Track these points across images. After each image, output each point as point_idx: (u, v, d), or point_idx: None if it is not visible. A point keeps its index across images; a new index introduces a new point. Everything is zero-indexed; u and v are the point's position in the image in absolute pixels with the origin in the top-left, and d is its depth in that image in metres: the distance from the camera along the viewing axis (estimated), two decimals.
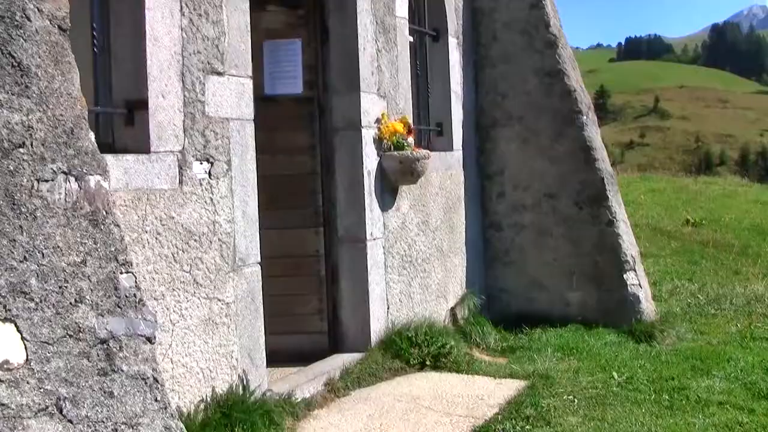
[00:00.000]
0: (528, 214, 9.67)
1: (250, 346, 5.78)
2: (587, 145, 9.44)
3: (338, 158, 7.39)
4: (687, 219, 18.14)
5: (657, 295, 11.12)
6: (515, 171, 9.72)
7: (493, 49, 9.85)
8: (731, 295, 11.33)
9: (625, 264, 9.32)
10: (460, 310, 9.02)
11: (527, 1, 9.72)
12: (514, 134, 9.72)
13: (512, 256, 9.76)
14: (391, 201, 7.73)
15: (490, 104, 9.82)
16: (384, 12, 7.81)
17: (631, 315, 9.24)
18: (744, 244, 15.90)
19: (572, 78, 9.62)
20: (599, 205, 9.39)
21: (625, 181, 25.01)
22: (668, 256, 14.42)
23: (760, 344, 9.09)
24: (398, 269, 7.83)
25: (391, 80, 7.87)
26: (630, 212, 17.96)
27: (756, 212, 20.22)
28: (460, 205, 9.32)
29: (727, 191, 23.97)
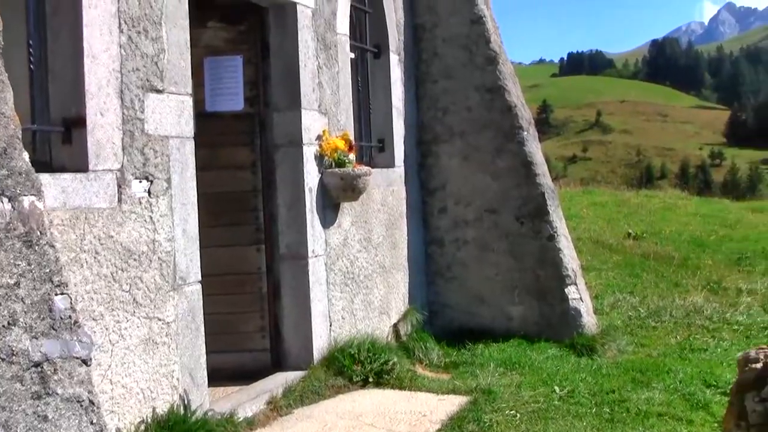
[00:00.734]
0: (470, 230, 9.71)
1: (191, 366, 5.72)
2: (528, 161, 9.52)
3: (279, 175, 7.37)
4: (628, 232, 18.36)
5: (599, 308, 11.24)
6: (457, 186, 9.77)
7: (434, 65, 9.90)
8: (671, 308, 11.49)
9: (566, 278, 9.40)
10: (403, 326, 9.02)
11: (468, 18, 9.78)
12: (456, 150, 9.77)
13: (455, 271, 9.79)
14: (333, 218, 7.72)
15: (432, 120, 9.87)
16: (325, 29, 7.81)
17: (572, 328, 9.33)
18: (684, 257, 16.13)
19: (513, 94, 9.70)
20: (540, 219, 9.47)
21: (568, 195, 25.27)
22: (610, 269, 14.57)
23: (698, 356, 9.24)
24: (340, 286, 7.81)
25: (333, 96, 7.87)
26: (572, 226, 18.20)
27: (695, 225, 20.53)
28: (402, 221, 9.34)
29: (667, 204, 24.29)
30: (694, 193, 32.62)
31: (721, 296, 12.83)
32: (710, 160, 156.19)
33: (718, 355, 9.28)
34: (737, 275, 14.69)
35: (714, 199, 29.34)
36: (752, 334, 10.35)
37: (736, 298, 12.71)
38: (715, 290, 13.30)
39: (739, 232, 19.97)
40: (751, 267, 15.67)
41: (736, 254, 16.75)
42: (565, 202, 23.06)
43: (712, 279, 14.10)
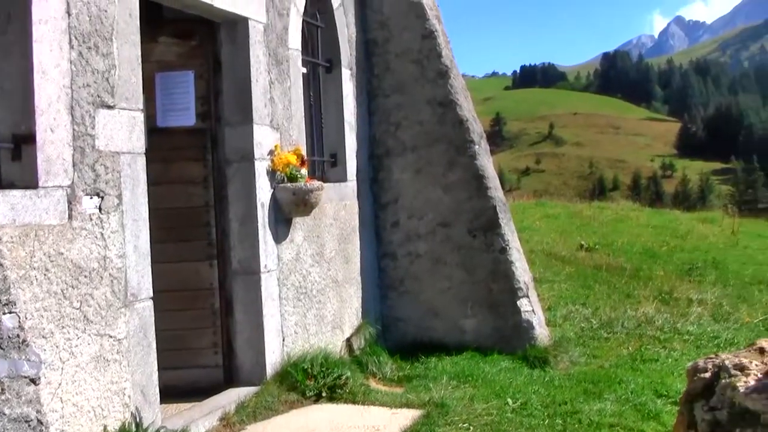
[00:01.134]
0: (422, 243, 9.75)
1: (143, 383, 5.69)
2: (480, 174, 9.58)
3: (232, 190, 7.36)
4: (581, 244, 18.51)
5: (551, 320, 11.31)
6: (409, 200, 9.80)
7: (386, 79, 9.94)
8: (623, 319, 11.60)
9: (518, 291, 9.47)
10: (356, 340, 9.03)
11: (419, 32, 9.83)
12: (408, 164, 9.80)
13: (407, 285, 9.82)
14: (285, 232, 7.72)
15: (384, 134, 9.90)
16: (277, 43, 7.83)
17: (525, 341, 9.38)
18: (636, 268, 16.30)
19: (464, 108, 9.76)
20: (492, 232, 9.53)
21: (521, 207, 25.47)
22: (563, 281, 14.67)
23: (649, 366, 9.33)
24: (293, 301, 7.81)
25: (285, 111, 7.88)
26: (525, 238, 18.34)
27: (647, 236, 20.77)
28: (355, 235, 9.36)
29: (619, 216, 24.55)
30: (645, 205, 32.99)
31: (672, 306, 12.98)
32: (661, 172, 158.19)
33: (669, 365, 9.38)
34: (688, 285, 14.88)
35: (665, 211, 29.72)
36: (702, 344, 10.48)
37: (686, 308, 12.87)
38: (667, 301, 13.45)
39: (690, 243, 20.25)
40: (702, 277, 15.88)
41: (686, 265, 16.96)
42: (518, 214, 23.29)
43: (664, 289, 14.26)
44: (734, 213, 32.28)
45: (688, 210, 33.59)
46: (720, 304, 13.18)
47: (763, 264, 18.07)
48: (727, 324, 11.75)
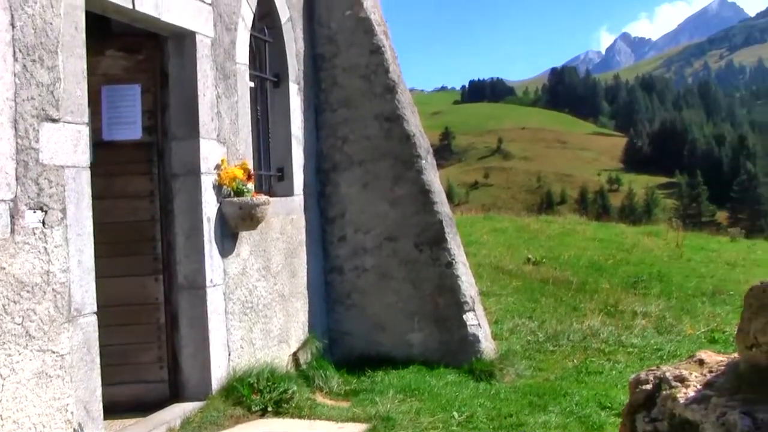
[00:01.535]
0: (369, 257, 9.78)
1: (86, 399, 5.64)
2: (426, 189, 9.65)
3: (178, 204, 7.33)
4: (528, 257, 18.64)
5: (498, 333, 11.40)
6: (356, 214, 9.83)
7: (334, 94, 9.97)
8: (569, 331, 11.71)
9: (464, 304, 9.53)
10: (303, 354, 9.03)
11: (367, 48, 9.89)
12: (355, 178, 9.84)
13: (354, 299, 9.84)
14: (231, 247, 7.71)
15: (331, 148, 9.92)
16: (224, 58, 7.83)
17: (471, 354, 9.45)
18: (582, 281, 16.45)
19: (411, 123, 9.82)
20: (439, 247, 9.59)
21: (469, 221, 25.59)
22: (510, 294, 14.76)
23: (594, 378, 9.44)
24: (239, 315, 7.80)
25: (232, 126, 7.88)
26: (473, 252, 18.44)
27: (593, 249, 20.97)
28: (302, 249, 9.37)
29: (566, 229, 24.75)
30: (592, 218, 33.31)
31: (617, 319, 13.13)
32: (608, 186, 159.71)
33: (613, 377, 9.49)
34: (633, 298, 15.06)
35: (611, 224, 29.98)
36: (646, 356, 10.62)
37: (631, 320, 13.03)
38: (612, 313, 13.60)
39: (636, 256, 20.47)
40: (647, 290, 16.08)
41: (632, 278, 17.16)
42: (466, 228, 23.43)
43: (609, 302, 14.42)
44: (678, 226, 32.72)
45: (634, 223, 33.95)
46: (664, 317, 13.37)
47: (706, 276, 18.34)
48: (670, 336, 11.93)
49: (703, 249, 23.23)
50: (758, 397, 4.73)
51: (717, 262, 20.93)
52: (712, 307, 14.66)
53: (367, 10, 9.93)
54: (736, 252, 23.08)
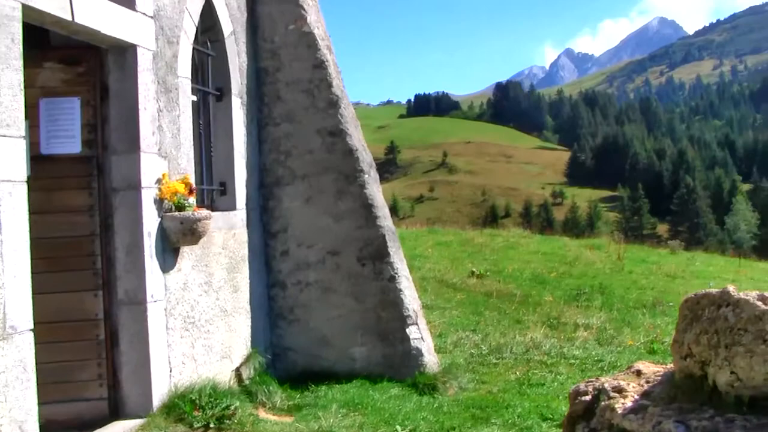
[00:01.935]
0: (312, 272, 9.76)
1: (21, 419, 5.53)
2: (369, 203, 9.66)
3: (118, 219, 7.24)
4: (472, 271, 18.77)
5: (442, 346, 11.44)
6: (299, 229, 9.81)
7: (277, 108, 9.95)
8: (512, 344, 11.80)
9: (407, 318, 9.56)
10: (246, 369, 8.97)
11: (310, 62, 9.89)
12: (298, 192, 9.82)
13: (297, 313, 9.81)
14: (173, 262, 7.64)
15: (274, 163, 9.89)
16: (166, 71, 7.77)
17: (414, 368, 9.47)
18: (525, 294, 16.60)
19: (354, 137, 9.84)
20: (381, 261, 9.61)
21: (414, 235, 25.71)
22: (454, 307, 14.85)
23: (536, 390, 9.51)
24: (180, 331, 7.72)
25: (173, 140, 7.81)
26: (418, 265, 18.52)
27: (537, 262, 21.19)
28: (244, 264, 9.31)
29: (510, 243, 24.97)
30: (536, 232, 33.66)
31: (559, 331, 13.26)
32: (552, 199, 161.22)
33: (555, 389, 9.57)
34: (575, 310, 15.23)
35: (555, 237, 30.33)
36: (587, 368, 10.73)
37: (573, 332, 13.17)
38: (555, 326, 13.74)
39: (578, 269, 20.72)
40: (589, 302, 16.28)
41: (574, 290, 17.37)
42: (411, 241, 23.55)
43: (552, 315, 14.57)
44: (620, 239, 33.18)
45: (577, 237, 34.36)
46: (605, 328, 13.55)
47: (647, 288, 18.63)
48: (611, 347, 12.08)
49: (643, 261, 23.60)
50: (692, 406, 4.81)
51: (657, 274, 21.28)
52: (652, 318, 14.89)
53: (310, 25, 9.94)
54: (675, 264, 23.48)
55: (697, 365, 4.95)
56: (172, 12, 7.90)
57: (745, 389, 4.66)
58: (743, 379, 4.61)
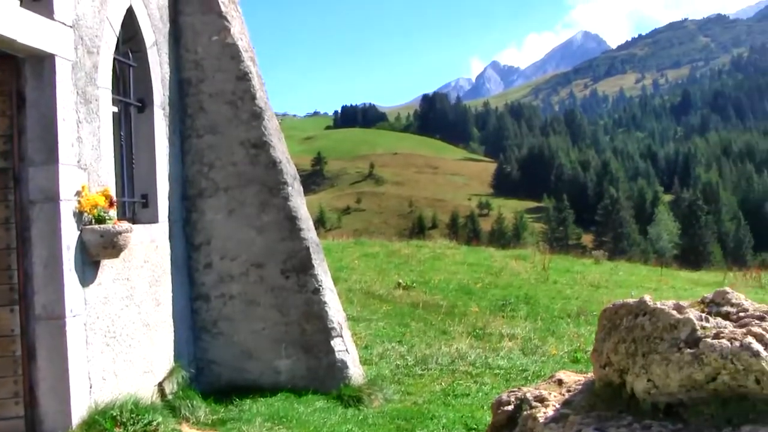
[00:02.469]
0: (236, 285, 9.69)
1: None
2: (293, 215, 9.63)
3: (35, 232, 7.08)
4: (398, 282, 18.82)
5: (367, 358, 11.45)
6: (222, 241, 9.73)
7: (200, 119, 9.85)
8: (438, 355, 11.86)
9: (332, 330, 9.54)
10: (169, 384, 8.85)
11: (234, 74, 9.82)
12: (221, 204, 9.74)
13: (221, 327, 9.72)
14: (93, 276, 7.50)
15: (197, 175, 9.80)
16: (86, 81, 7.64)
17: (339, 380, 9.46)
18: (451, 305, 16.70)
19: (278, 149, 9.80)
20: (305, 273, 9.58)
21: (341, 247, 25.69)
22: (380, 319, 14.86)
23: (461, 401, 9.57)
24: (101, 346, 7.58)
25: (93, 151, 7.68)
26: (344, 277, 18.52)
27: (463, 273, 21.34)
28: (167, 277, 9.19)
29: (436, 254, 25.10)
30: (462, 243, 33.90)
31: (485, 342, 13.37)
32: (478, 210, 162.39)
33: (480, 399, 9.64)
34: (501, 321, 15.37)
35: (481, 248, 30.57)
36: (512, 377, 10.83)
37: (498, 343, 13.29)
38: (480, 336, 13.85)
39: (504, 279, 20.91)
40: (514, 312, 16.44)
41: (500, 300, 17.53)
42: (337, 253, 23.53)
43: (478, 325, 14.68)
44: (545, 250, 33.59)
45: (503, 247, 34.73)
46: (530, 338, 13.69)
47: (571, 298, 18.88)
48: (535, 357, 12.21)
49: (568, 271, 23.91)
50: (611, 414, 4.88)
51: (581, 283, 21.58)
52: (576, 327, 15.10)
53: (234, 36, 9.87)
54: (599, 274, 23.83)
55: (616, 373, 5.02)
56: (92, 21, 7.78)
57: (661, 396, 4.74)
58: (659, 386, 4.69)
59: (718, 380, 4.50)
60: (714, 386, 4.53)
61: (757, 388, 4.49)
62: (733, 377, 4.47)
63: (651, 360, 4.70)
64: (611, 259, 34.08)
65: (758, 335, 4.56)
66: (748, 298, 5.24)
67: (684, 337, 4.66)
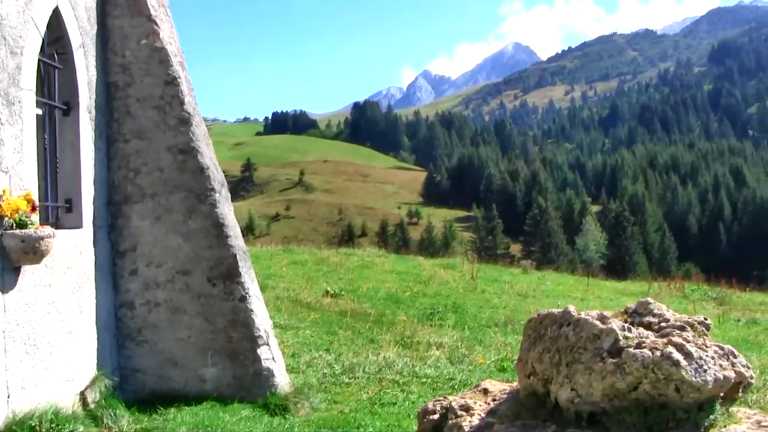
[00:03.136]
0: (161, 292, 9.57)
1: None
2: (220, 222, 9.55)
3: None
4: (327, 290, 18.82)
5: (295, 366, 11.40)
6: (148, 248, 9.61)
7: (127, 124, 9.72)
8: (365, 364, 11.86)
9: (258, 338, 9.49)
10: (92, 393, 8.69)
11: (162, 78, 9.71)
12: (148, 211, 9.62)
13: (146, 334, 9.59)
14: (13, 282, 7.31)
15: (123, 180, 9.66)
16: (8, 83, 7.47)
17: (265, 389, 9.42)
18: (380, 313, 16.73)
19: (206, 155, 9.72)
20: (232, 281, 9.51)
21: (269, 254, 25.59)
22: (308, 327, 14.82)
23: (388, 409, 9.59)
24: (21, 354, 7.40)
25: (15, 154, 7.51)
26: (272, 285, 18.44)
27: (392, 282, 21.41)
28: (91, 283, 9.02)
29: (365, 262, 25.15)
30: (391, 251, 34.01)
31: (412, 350, 13.41)
32: (408, 219, 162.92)
33: (406, 408, 9.67)
34: (429, 329, 15.44)
35: (410, 257, 30.70)
36: (438, 386, 10.88)
37: (426, 351, 13.34)
38: (408, 345, 13.88)
39: (432, 288, 21.02)
40: (442, 321, 16.53)
41: (428, 309, 17.61)
42: (266, 260, 23.44)
43: (405, 334, 14.72)
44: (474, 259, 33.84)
45: (432, 256, 34.89)
46: (457, 347, 13.76)
47: (499, 307, 19.06)
48: (463, 366, 12.28)
49: (496, 281, 24.14)
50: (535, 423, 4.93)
51: (509, 293, 21.81)
52: (504, 336, 15.23)
53: (163, 40, 9.77)
54: (527, 283, 24.11)
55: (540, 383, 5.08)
56: (16, 21, 7.61)
57: (584, 405, 4.81)
58: (583, 395, 4.76)
59: (640, 389, 4.58)
60: (636, 395, 4.60)
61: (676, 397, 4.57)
62: (654, 386, 4.55)
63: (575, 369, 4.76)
64: (539, 269, 34.52)
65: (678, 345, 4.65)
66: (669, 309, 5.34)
67: (607, 347, 4.73)
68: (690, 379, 4.52)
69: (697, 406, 4.67)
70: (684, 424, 4.59)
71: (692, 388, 4.55)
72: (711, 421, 4.70)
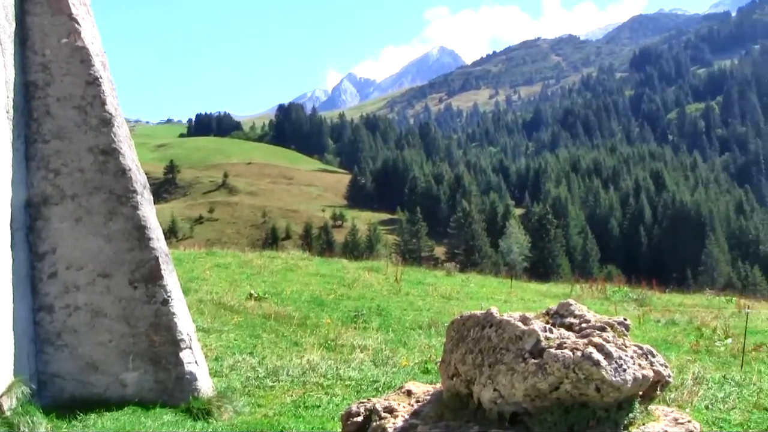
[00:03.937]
0: (82, 295, 9.41)
1: None
2: (142, 225, 9.44)
3: None
4: (250, 293, 18.73)
5: (218, 370, 11.33)
6: (68, 250, 9.43)
7: (46, 124, 9.53)
8: (289, 367, 11.84)
9: (181, 342, 9.42)
10: (8, 400, 8.48)
11: (83, 78, 9.55)
12: (68, 212, 9.44)
13: (65, 338, 9.41)
14: None
15: (42, 181, 9.46)
16: None
17: (188, 393, 9.35)
18: (304, 316, 16.71)
19: (128, 157, 9.59)
20: (154, 284, 9.41)
21: (192, 257, 25.38)
22: (231, 330, 14.73)
23: (312, 413, 9.59)
24: None
25: None
26: (195, 288, 18.29)
27: (315, 284, 21.40)
28: (7, 287, 8.82)
29: (289, 265, 25.09)
30: (316, 254, 33.99)
31: (336, 353, 13.42)
32: (332, 222, 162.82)
33: (331, 410, 9.68)
34: (353, 332, 15.46)
35: (334, 260, 30.71)
36: (363, 388, 10.91)
37: (350, 354, 13.36)
38: (332, 347, 13.90)
39: (356, 291, 21.07)
40: (366, 324, 16.56)
41: (352, 312, 17.64)
42: (189, 263, 23.22)
43: (330, 337, 14.73)
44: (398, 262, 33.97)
45: (357, 259, 34.93)
46: (381, 350, 13.80)
47: (423, 310, 19.18)
48: (387, 368, 12.32)
49: (420, 283, 24.27)
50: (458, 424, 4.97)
51: (433, 295, 21.94)
52: (428, 338, 15.32)
53: (84, 39, 9.61)
54: (451, 286, 24.28)
55: (463, 384, 5.12)
56: None
57: (507, 405, 4.86)
58: (505, 396, 4.82)
59: (561, 389, 4.65)
60: (557, 395, 4.67)
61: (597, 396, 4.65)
62: (575, 386, 4.62)
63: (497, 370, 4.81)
64: (463, 271, 34.78)
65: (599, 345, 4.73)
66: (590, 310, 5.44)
67: (529, 348, 4.79)
68: (610, 378, 4.61)
69: (616, 405, 4.76)
70: (604, 423, 4.67)
71: (612, 388, 4.64)
72: (630, 420, 4.80)
